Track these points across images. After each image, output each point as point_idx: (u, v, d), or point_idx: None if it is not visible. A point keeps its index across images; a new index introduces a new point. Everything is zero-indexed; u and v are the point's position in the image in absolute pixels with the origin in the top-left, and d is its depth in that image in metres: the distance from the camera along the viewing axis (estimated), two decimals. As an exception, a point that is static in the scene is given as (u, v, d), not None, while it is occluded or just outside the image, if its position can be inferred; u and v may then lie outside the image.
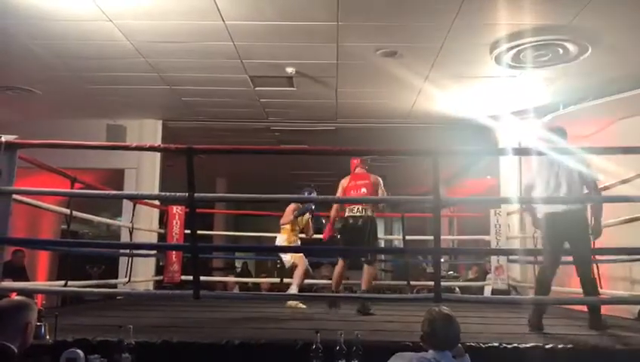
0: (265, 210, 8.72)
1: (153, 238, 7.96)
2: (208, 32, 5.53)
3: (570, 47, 5.67)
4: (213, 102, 7.81)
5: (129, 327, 3.09)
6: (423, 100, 7.54)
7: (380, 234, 17.05)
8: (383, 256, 10.78)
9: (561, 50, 5.76)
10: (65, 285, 5.21)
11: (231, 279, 10.32)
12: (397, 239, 11.48)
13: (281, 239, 6.03)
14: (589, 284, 4.27)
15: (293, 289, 5.61)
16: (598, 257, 5.50)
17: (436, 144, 6.88)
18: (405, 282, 7.95)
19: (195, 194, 3.74)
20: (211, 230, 11.37)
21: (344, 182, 5.67)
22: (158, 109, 8.24)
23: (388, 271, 15.17)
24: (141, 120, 8.50)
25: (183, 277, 7.32)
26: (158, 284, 7.76)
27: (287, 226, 6.00)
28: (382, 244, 17.85)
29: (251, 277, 12.49)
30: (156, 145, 7.18)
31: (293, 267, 5.85)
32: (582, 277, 4.27)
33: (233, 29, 5.49)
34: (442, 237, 6.61)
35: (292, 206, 5.96)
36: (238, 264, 13.90)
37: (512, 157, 7.90)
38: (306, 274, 5.92)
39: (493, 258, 7.51)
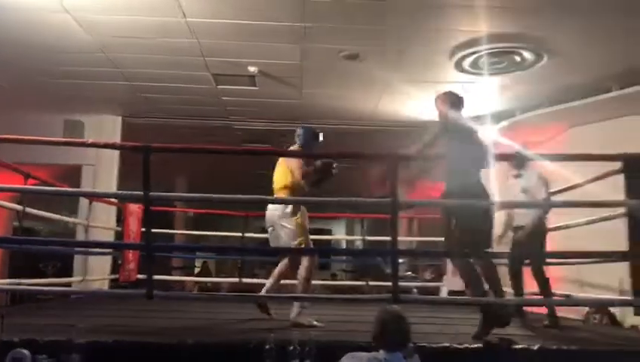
0: (228, 210, 8.68)
1: (110, 236, 7.83)
2: (169, 28, 5.47)
3: (527, 55, 5.82)
4: (174, 99, 7.72)
5: (79, 327, 3.04)
6: (387, 103, 7.61)
7: (342, 234, 17.31)
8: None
9: (517, 58, 5.91)
10: (16, 283, 5.08)
11: (189, 279, 10.22)
12: (359, 239, 11.57)
13: (285, 209, 4.58)
14: None
15: (296, 307, 4.40)
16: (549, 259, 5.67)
17: (400, 146, 6.96)
18: (364, 282, 8.02)
19: (151, 193, 3.70)
20: (171, 229, 11.22)
21: None
22: (117, 105, 8.11)
23: (349, 271, 15.30)
24: (100, 115, 8.34)
25: (140, 276, 7.21)
26: (115, 283, 7.63)
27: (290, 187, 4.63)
28: (343, 245, 18.08)
29: (211, 277, 12.41)
30: (112, 142, 7.05)
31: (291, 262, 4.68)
32: None
33: (195, 26, 5.44)
34: (402, 238, 6.70)
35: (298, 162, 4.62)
36: (198, 263, 13.79)
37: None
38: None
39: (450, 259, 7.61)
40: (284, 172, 4.67)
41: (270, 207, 4.68)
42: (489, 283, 3.92)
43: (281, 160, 4.80)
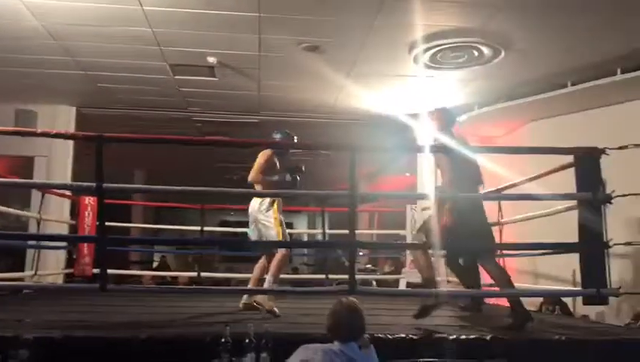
0: (188, 203, 8.60)
1: (64, 230, 7.63)
2: (125, 16, 5.33)
3: (485, 49, 5.88)
4: (131, 89, 7.55)
5: (27, 321, 2.95)
6: (346, 96, 7.62)
7: (303, 228, 17.38)
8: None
9: (476, 53, 5.97)
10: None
11: (146, 273, 10.06)
12: (319, 233, 11.59)
13: (264, 202, 4.82)
14: None
15: (269, 286, 4.65)
16: (505, 251, 5.78)
17: (359, 140, 6.99)
18: (324, 276, 8.01)
19: (105, 185, 3.62)
20: (129, 223, 11.02)
21: None
22: (71, 95, 7.89)
23: (310, 265, 15.33)
24: (54, 105, 8.11)
25: (96, 271, 7.04)
26: (69, 277, 7.44)
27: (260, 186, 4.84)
28: (305, 238, 18.07)
29: (170, 271, 12.24)
30: (63, 132, 6.84)
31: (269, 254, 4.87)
32: None
33: (151, 15, 5.32)
34: (362, 231, 6.74)
35: (266, 155, 4.86)
36: (157, 258, 13.61)
37: (430, 154, 8.12)
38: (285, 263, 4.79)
39: (409, 252, 7.69)
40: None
41: (251, 203, 4.88)
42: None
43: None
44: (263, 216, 4.76)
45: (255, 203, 4.84)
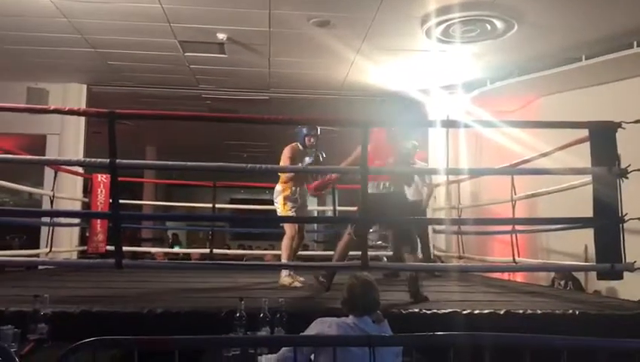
0: (198, 180, 8.62)
1: (77, 207, 7.69)
2: (134, -8, 5.32)
3: (497, 23, 5.80)
4: (141, 67, 7.53)
5: (45, 297, 2.99)
6: (356, 72, 7.55)
7: (313, 206, 17.45)
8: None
9: (488, 26, 5.88)
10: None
11: (159, 250, 10.14)
12: (329, 210, 11.58)
13: (277, 189, 5.28)
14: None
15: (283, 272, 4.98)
16: (517, 227, 5.76)
17: (369, 116, 6.97)
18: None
19: (118, 161, 3.63)
20: (140, 200, 11.09)
21: None
22: (82, 73, 7.89)
23: (320, 241, 15.36)
24: (64, 83, 8.12)
25: (109, 248, 7.11)
26: (83, 255, 7.52)
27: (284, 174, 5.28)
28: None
29: (182, 248, 12.36)
30: (76, 108, 6.84)
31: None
32: None
33: (161, -9, 5.30)
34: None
35: (290, 149, 5.27)
36: (169, 235, 13.73)
37: (441, 129, 8.07)
38: (299, 242, 5.22)
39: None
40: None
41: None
42: None
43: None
44: (275, 201, 5.28)
45: (275, 191, 5.32)
